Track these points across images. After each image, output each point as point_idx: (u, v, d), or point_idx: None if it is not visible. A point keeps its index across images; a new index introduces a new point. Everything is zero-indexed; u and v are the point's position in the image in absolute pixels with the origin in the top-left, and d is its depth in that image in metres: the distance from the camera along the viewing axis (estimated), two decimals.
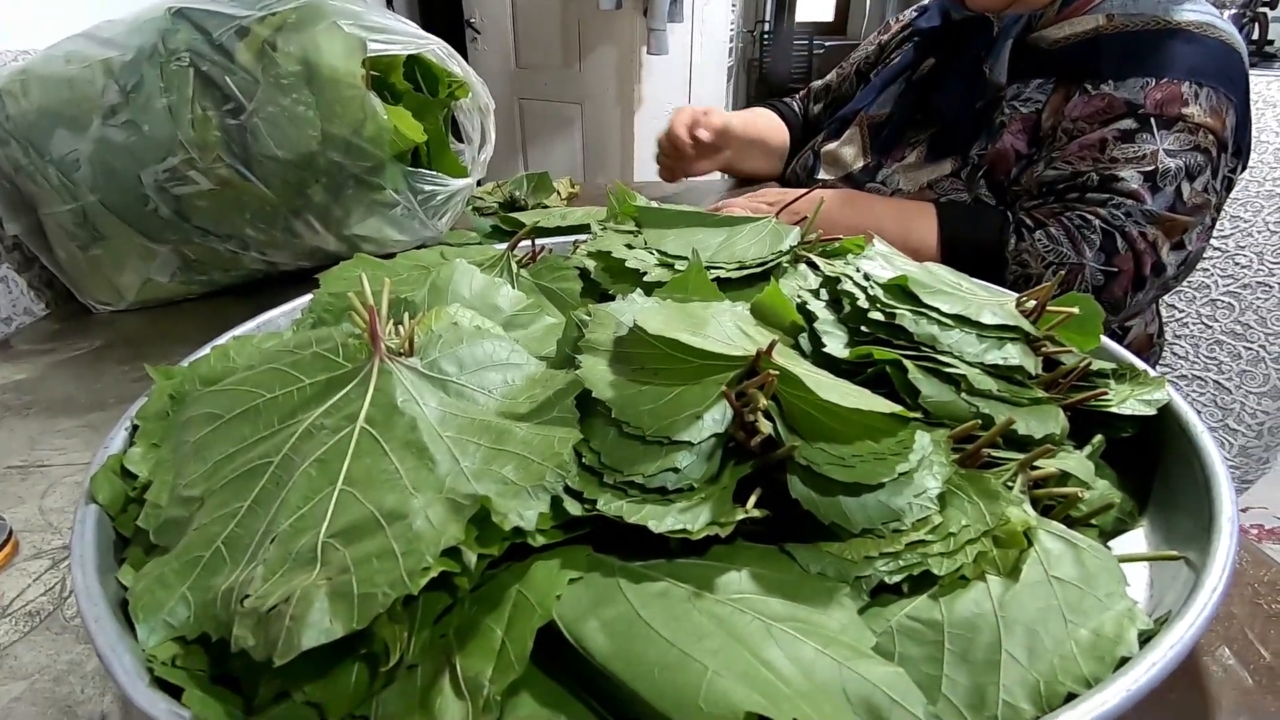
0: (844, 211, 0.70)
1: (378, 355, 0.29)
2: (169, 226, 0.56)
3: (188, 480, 0.27)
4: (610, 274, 0.48)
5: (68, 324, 0.59)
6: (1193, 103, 0.65)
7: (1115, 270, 0.63)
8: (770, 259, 0.46)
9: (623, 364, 0.31)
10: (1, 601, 0.29)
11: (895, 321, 0.33)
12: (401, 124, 0.58)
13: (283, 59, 0.54)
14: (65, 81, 0.52)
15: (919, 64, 0.85)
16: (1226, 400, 0.97)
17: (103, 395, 0.47)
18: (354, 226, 0.62)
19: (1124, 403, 0.33)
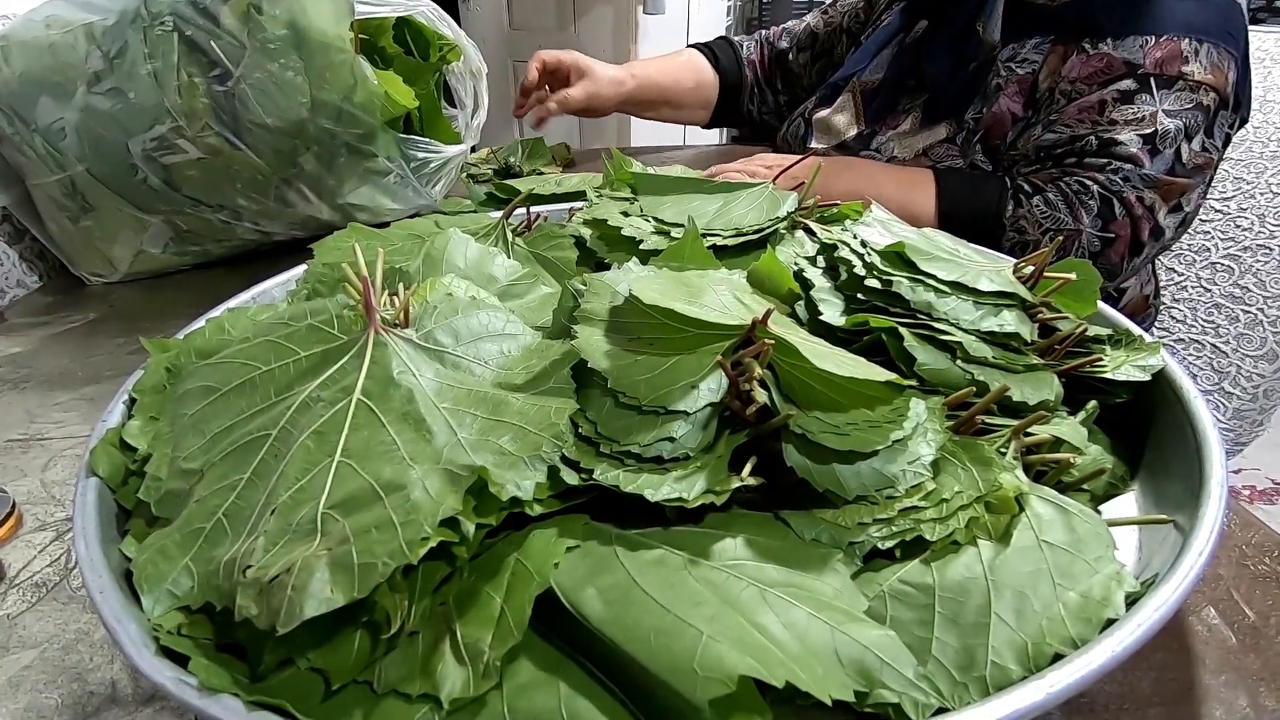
0: (842, 178, 0.69)
1: (373, 327, 0.29)
2: (159, 197, 0.55)
3: (187, 453, 0.27)
4: (606, 242, 0.47)
5: (62, 296, 0.58)
6: (1193, 60, 0.64)
7: (1112, 236, 0.63)
8: (767, 226, 0.46)
9: (619, 334, 0.31)
10: (8, 573, 0.30)
11: (892, 289, 0.33)
12: (393, 89, 0.57)
13: (269, 23, 0.53)
14: (47, 48, 0.51)
15: (911, 27, 0.83)
16: (1223, 363, 0.97)
17: (99, 368, 0.47)
18: (347, 195, 0.61)
19: (1119, 368, 0.33)
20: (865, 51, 0.87)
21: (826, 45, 0.97)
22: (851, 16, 0.95)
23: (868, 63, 0.85)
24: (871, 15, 0.93)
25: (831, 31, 0.97)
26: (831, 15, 0.97)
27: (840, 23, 0.96)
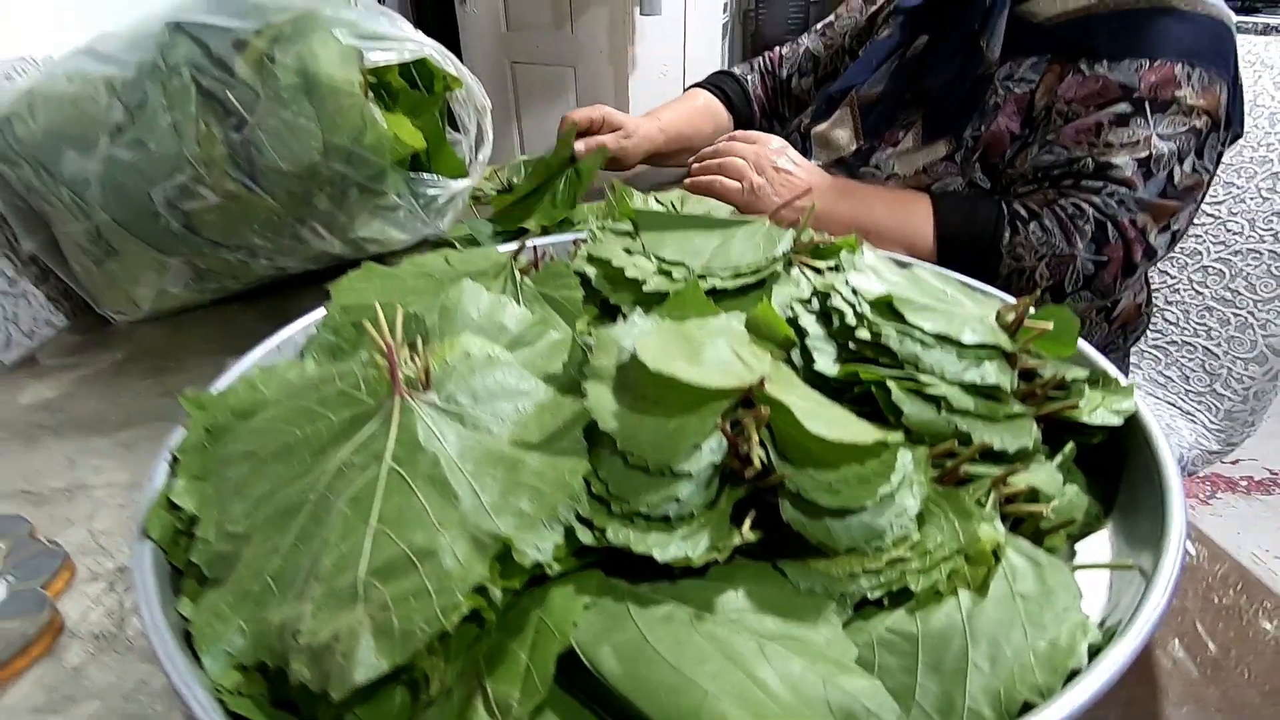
0: (840, 205, 0.71)
1: (398, 393, 0.32)
2: (180, 240, 0.57)
3: (232, 517, 0.30)
4: (610, 282, 0.50)
5: (88, 336, 0.61)
6: (1185, 84, 0.66)
7: (1105, 259, 0.65)
8: (765, 266, 0.48)
9: (626, 392, 0.33)
10: (68, 624, 0.32)
11: (881, 341, 0.36)
12: (401, 131, 0.59)
13: (281, 71, 0.55)
14: (70, 101, 0.53)
15: (911, 41, 0.84)
16: (1214, 365, 0.99)
17: (131, 411, 0.49)
18: (358, 230, 0.63)
19: (1094, 412, 0.35)
20: (864, 64, 0.88)
21: (830, 68, 0.98)
22: (852, 36, 0.96)
23: (866, 76, 0.86)
24: (871, 29, 0.95)
25: (834, 53, 0.98)
26: (830, 37, 0.99)
27: (841, 43, 0.97)
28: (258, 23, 0.55)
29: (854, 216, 0.71)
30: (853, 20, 0.96)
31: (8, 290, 0.60)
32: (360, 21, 0.57)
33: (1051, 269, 0.66)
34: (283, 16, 0.56)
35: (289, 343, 0.48)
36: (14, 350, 0.59)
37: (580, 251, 0.57)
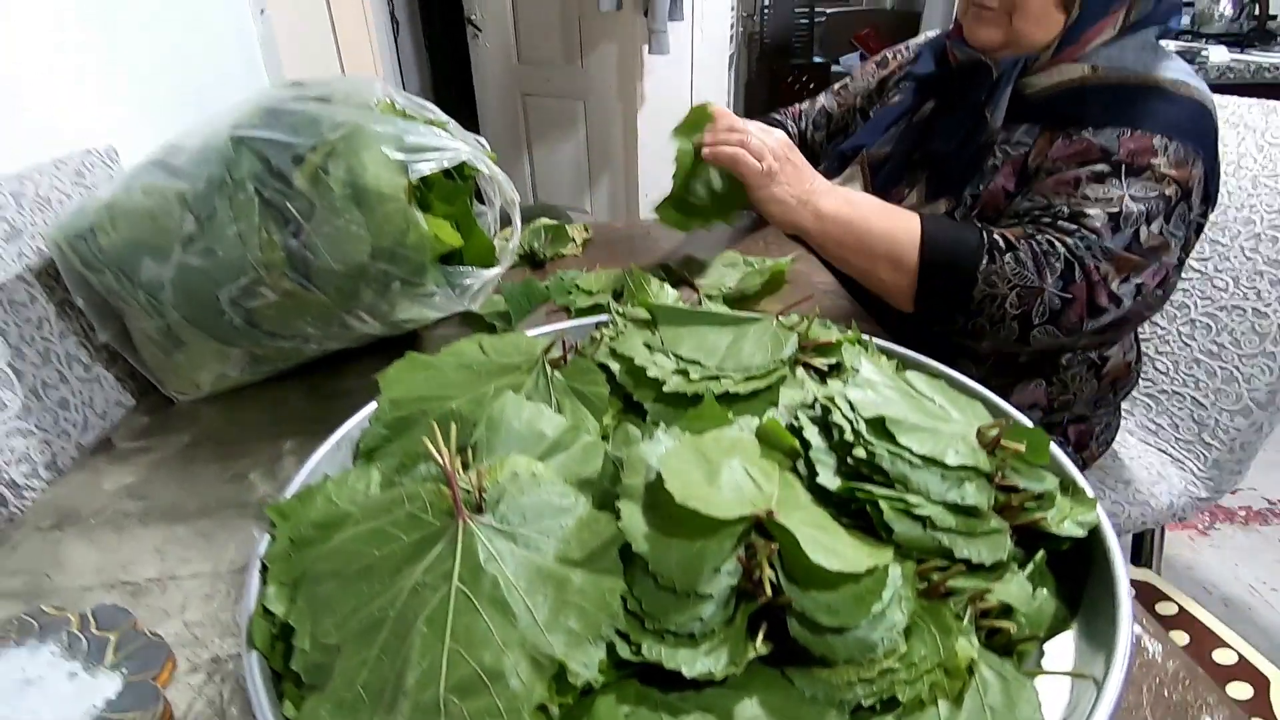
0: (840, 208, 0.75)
1: (461, 517, 0.37)
2: (241, 333, 0.63)
3: (324, 629, 0.35)
4: (633, 378, 0.55)
5: (155, 416, 0.67)
6: (1161, 154, 0.71)
7: (1070, 297, 0.69)
8: (773, 367, 0.54)
9: (654, 512, 0.39)
10: (176, 715, 0.38)
11: (875, 461, 0.41)
12: (440, 232, 0.65)
13: (334, 183, 0.61)
14: (148, 214, 0.60)
15: (919, 106, 0.90)
16: (1202, 415, 1.04)
17: (205, 499, 0.55)
18: (399, 315, 0.69)
19: (1062, 523, 0.41)
20: (875, 126, 0.94)
21: (841, 124, 1.06)
22: (864, 97, 1.03)
23: (876, 137, 0.92)
24: (882, 93, 1.01)
25: (846, 111, 1.05)
26: (844, 97, 1.06)
27: (853, 102, 1.04)
28: (313, 139, 0.62)
29: (849, 222, 0.75)
30: (865, 83, 1.04)
31: (84, 376, 0.66)
32: (404, 135, 0.63)
33: (1021, 299, 0.70)
34: (335, 133, 0.62)
35: (346, 438, 0.53)
36: (91, 432, 0.65)
37: (604, 339, 0.63)
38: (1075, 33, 0.75)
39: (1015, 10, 0.75)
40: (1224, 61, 1.96)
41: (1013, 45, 0.78)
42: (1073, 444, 0.94)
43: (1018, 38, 0.77)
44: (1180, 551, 1.62)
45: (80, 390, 0.65)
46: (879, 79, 1.03)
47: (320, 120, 0.63)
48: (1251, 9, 2.19)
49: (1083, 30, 0.75)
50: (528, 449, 0.47)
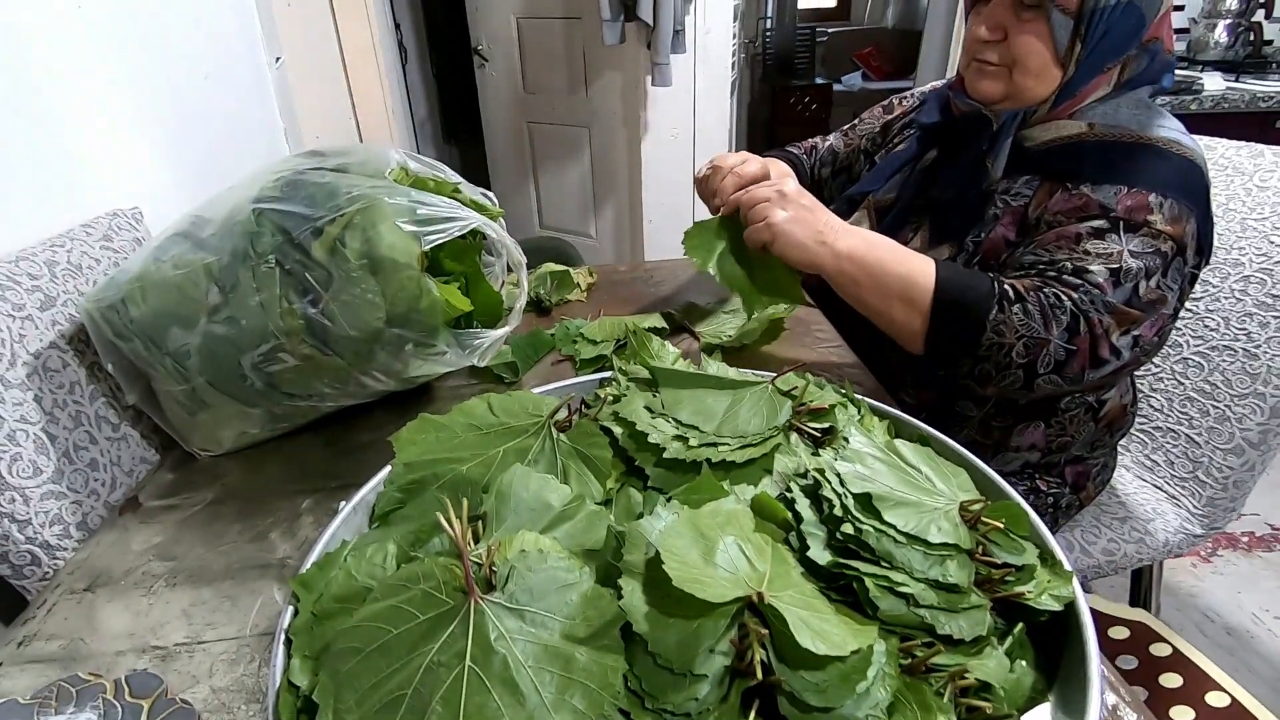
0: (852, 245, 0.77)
1: (473, 597, 0.40)
2: (262, 395, 0.67)
3: (346, 705, 0.38)
4: (635, 442, 0.58)
5: (180, 474, 0.70)
6: (1156, 212, 0.74)
7: (1074, 349, 0.71)
8: (768, 434, 0.56)
9: (653, 590, 0.41)
10: None
11: (862, 538, 0.43)
12: (451, 297, 0.68)
13: (351, 254, 0.64)
14: (175, 287, 0.63)
15: (923, 154, 0.93)
16: (1196, 453, 1.06)
17: (230, 560, 0.58)
18: (411, 372, 0.72)
19: (1040, 596, 0.43)
20: (880, 172, 0.97)
21: (846, 163, 1.09)
22: (869, 139, 1.06)
23: (882, 183, 0.96)
24: (886, 138, 1.04)
25: (851, 151, 1.09)
26: (851, 138, 1.10)
27: (859, 144, 1.08)
28: (331, 211, 0.65)
29: (865, 262, 0.76)
30: (871, 126, 1.08)
31: (112, 435, 0.69)
32: (416, 208, 0.66)
33: (1027, 349, 0.72)
34: (352, 206, 0.65)
35: (362, 503, 0.56)
36: (119, 490, 0.68)
37: (607, 398, 0.66)
38: (1072, 88, 0.79)
39: (1015, 65, 0.78)
40: (1219, 90, 1.99)
41: (1012, 99, 0.81)
42: (1070, 484, 0.96)
43: (1017, 92, 0.80)
44: (1182, 579, 1.63)
45: (109, 450, 0.69)
46: (884, 123, 1.06)
47: (338, 192, 0.67)
48: (1246, 36, 2.22)
49: (1079, 86, 0.78)
50: (535, 519, 0.50)
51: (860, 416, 0.62)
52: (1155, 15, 0.76)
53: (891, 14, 4.97)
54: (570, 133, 2.79)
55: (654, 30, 2.14)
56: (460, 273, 0.79)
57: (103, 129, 0.91)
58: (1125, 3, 0.74)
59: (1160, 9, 0.76)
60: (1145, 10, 0.75)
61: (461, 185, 0.81)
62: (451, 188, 0.80)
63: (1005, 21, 0.78)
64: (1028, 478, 0.95)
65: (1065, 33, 0.75)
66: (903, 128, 1.03)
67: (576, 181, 2.88)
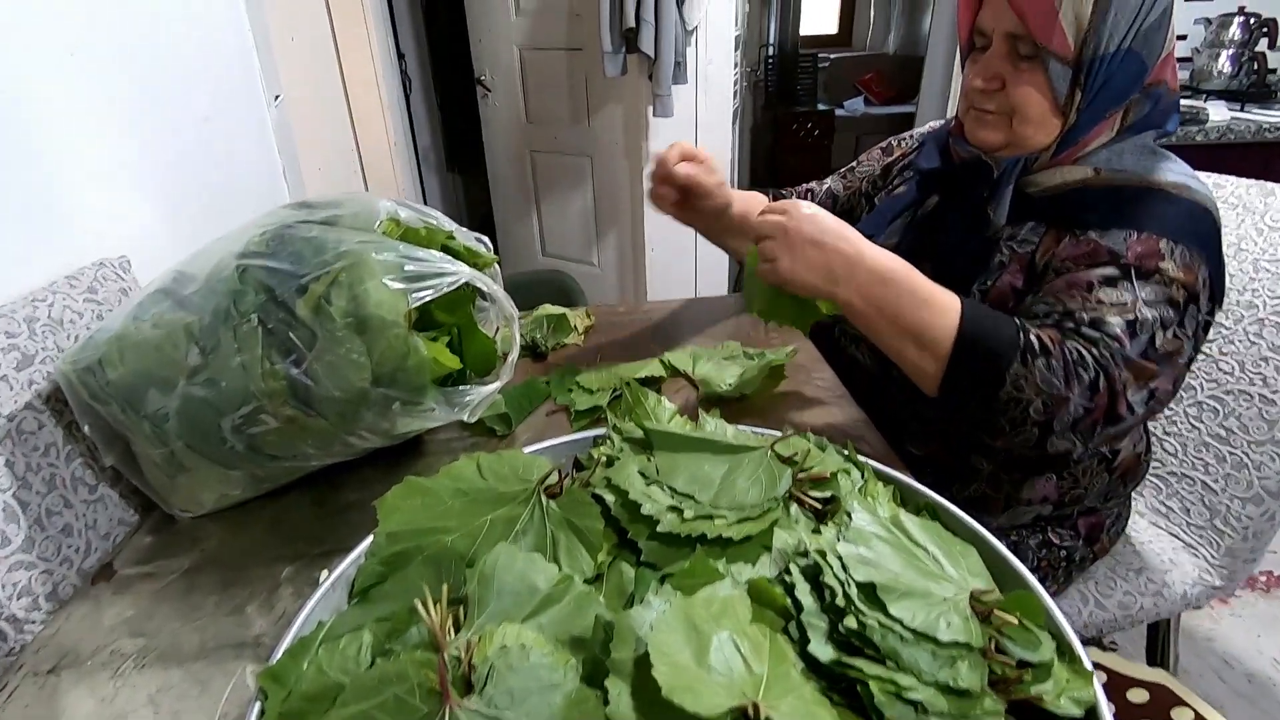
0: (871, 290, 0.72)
1: (448, 703, 0.37)
2: (243, 458, 0.64)
3: None
4: (628, 512, 0.55)
5: (158, 537, 0.67)
6: (1168, 258, 0.71)
7: (1093, 407, 0.68)
8: (767, 506, 0.54)
9: (643, 693, 0.38)
10: None
11: (866, 633, 0.41)
12: (440, 355, 0.66)
13: (336, 313, 0.62)
14: (154, 348, 0.61)
15: (924, 199, 0.91)
16: (1214, 501, 1.02)
17: (204, 638, 0.55)
18: (398, 430, 0.70)
19: (1058, 699, 0.40)
20: (880, 217, 0.95)
21: (846, 206, 1.07)
22: (869, 182, 1.04)
23: (883, 227, 0.93)
24: (887, 180, 1.02)
25: (851, 194, 1.06)
26: (850, 181, 1.08)
27: (859, 187, 1.06)
28: (317, 268, 0.63)
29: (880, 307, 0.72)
30: (871, 168, 1.06)
31: (89, 498, 0.67)
32: (404, 264, 0.64)
33: (1046, 408, 0.68)
34: (339, 262, 0.63)
35: (343, 577, 0.54)
36: (93, 556, 0.66)
37: (601, 460, 0.63)
38: (1074, 136, 0.77)
39: (1015, 114, 0.76)
40: (1224, 120, 1.98)
41: (1013, 146, 0.79)
42: (1084, 537, 0.93)
43: (1018, 140, 0.78)
44: (1199, 622, 1.58)
45: (84, 514, 0.66)
46: (883, 165, 1.04)
47: (324, 248, 0.65)
48: (1250, 66, 2.21)
49: (1081, 134, 0.76)
50: (520, 604, 0.47)
51: (864, 481, 0.59)
52: (1157, 60, 0.74)
53: (893, 40, 5.00)
54: (572, 162, 2.79)
55: (655, 62, 2.14)
56: (452, 324, 0.78)
57: (92, 176, 0.90)
58: (1125, 50, 0.72)
59: (1161, 53, 0.74)
60: (1146, 56, 0.73)
61: (456, 232, 0.79)
62: (445, 235, 0.78)
63: (1002, 70, 0.76)
64: (1040, 530, 0.91)
65: (1064, 82, 0.73)
66: (902, 170, 1.01)
67: (579, 211, 2.88)
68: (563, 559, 0.53)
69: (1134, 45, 0.72)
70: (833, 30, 5.15)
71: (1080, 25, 0.71)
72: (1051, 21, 0.71)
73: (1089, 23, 0.70)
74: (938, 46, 2.85)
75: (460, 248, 0.79)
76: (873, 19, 5.02)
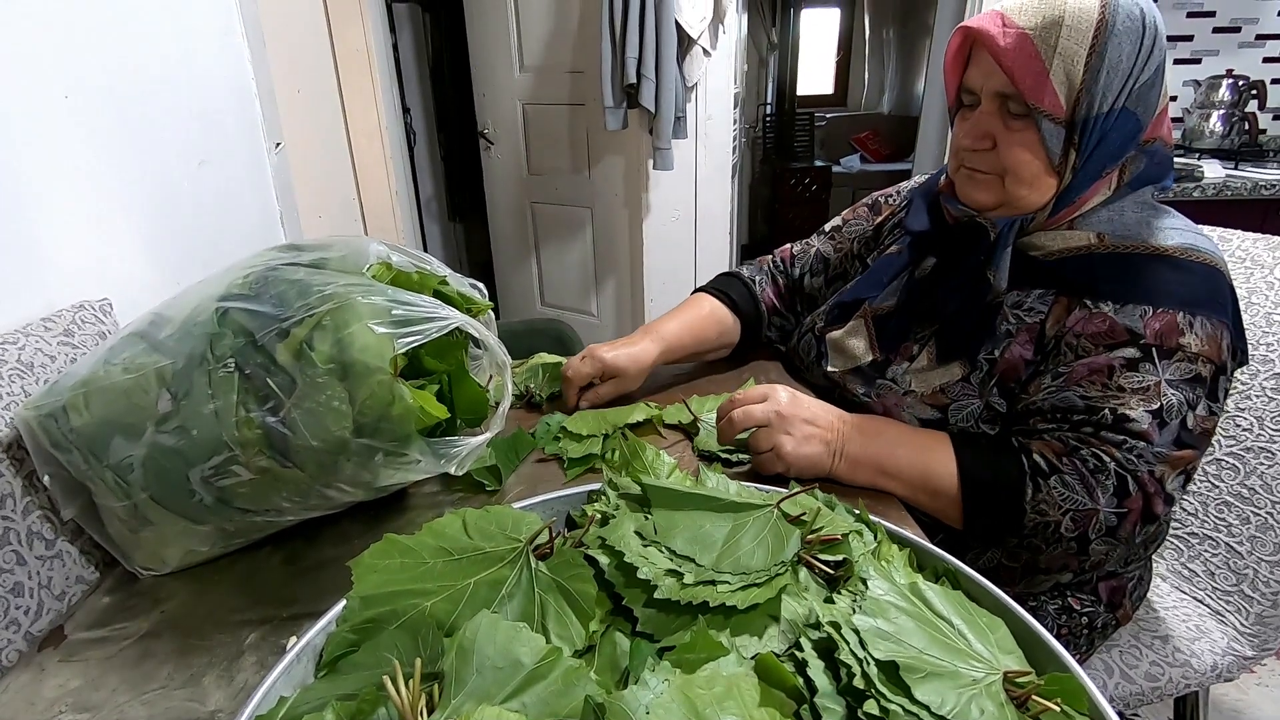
0: (864, 445, 0.73)
1: None
2: (212, 511, 0.60)
3: None
4: (623, 576, 0.51)
5: (116, 597, 0.62)
6: (1189, 332, 0.68)
7: (1126, 511, 0.66)
8: (775, 571, 0.50)
9: None
10: None
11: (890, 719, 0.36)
12: (426, 404, 0.63)
13: (319, 358, 0.59)
14: (122, 393, 0.58)
15: (919, 260, 0.88)
16: (1239, 564, 0.97)
17: (153, 713, 0.50)
18: (380, 482, 0.66)
19: None
20: (874, 279, 0.91)
21: (839, 270, 1.03)
22: (860, 242, 1.01)
23: (878, 289, 0.90)
24: (879, 239, 0.99)
25: (843, 257, 1.02)
26: (839, 241, 1.03)
27: (850, 248, 1.02)
28: (301, 311, 0.60)
29: (878, 459, 0.72)
30: (860, 227, 1.01)
31: (45, 554, 0.62)
32: (392, 308, 0.61)
33: (1075, 522, 0.67)
34: (323, 306, 0.60)
35: (311, 645, 0.49)
36: (45, 618, 0.61)
37: (595, 516, 0.59)
38: (1070, 196, 0.75)
39: (1007, 174, 0.75)
40: (1220, 178, 1.99)
41: (1007, 206, 0.77)
42: (1105, 602, 0.88)
43: (1011, 200, 0.76)
44: (1225, 691, 1.50)
45: (38, 572, 0.62)
46: (875, 225, 1.01)
47: (309, 291, 0.62)
48: (1241, 125, 2.25)
49: (1077, 194, 0.74)
50: (502, 681, 0.42)
51: (878, 544, 0.55)
52: (1152, 116, 0.73)
53: (887, 100, 5.14)
54: (573, 213, 2.81)
55: (655, 117, 2.18)
56: (442, 371, 0.74)
57: (78, 216, 0.88)
58: (1120, 109, 0.70)
59: (1156, 109, 0.73)
60: (1141, 114, 0.71)
61: (449, 277, 0.77)
62: (438, 280, 0.75)
63: (992, 129, 0.74)
64: (1059, 595, 0.86)
65: (1057, 142, 0.71)
66: (893, 229, 0.98)
67: (578, 261, 2.88)
68: (551, 627, 0.49)
69: (1128, 104, 0.70)
70: (828, 90, 5.30)
71: (1072, 85, 0.69)
72: (1042, 82, 0.69)
73: (1080, 82, 0.69)
74: (932, 107, 2.91)
75: (454, 293, 0.76)
76: (867, 80, 5.17)
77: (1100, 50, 0.68)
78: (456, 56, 3.02)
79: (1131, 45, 0.68)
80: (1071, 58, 0.68)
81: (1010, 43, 0.69)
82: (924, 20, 4.47)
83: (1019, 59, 0.69)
